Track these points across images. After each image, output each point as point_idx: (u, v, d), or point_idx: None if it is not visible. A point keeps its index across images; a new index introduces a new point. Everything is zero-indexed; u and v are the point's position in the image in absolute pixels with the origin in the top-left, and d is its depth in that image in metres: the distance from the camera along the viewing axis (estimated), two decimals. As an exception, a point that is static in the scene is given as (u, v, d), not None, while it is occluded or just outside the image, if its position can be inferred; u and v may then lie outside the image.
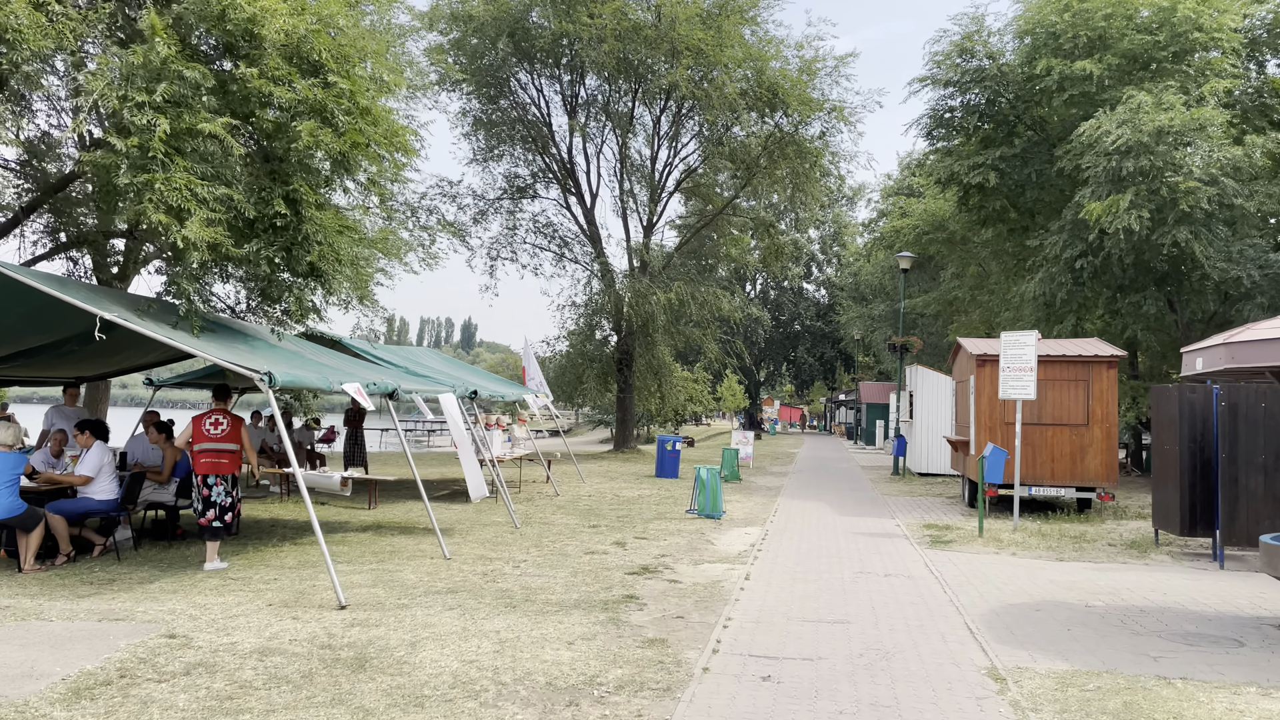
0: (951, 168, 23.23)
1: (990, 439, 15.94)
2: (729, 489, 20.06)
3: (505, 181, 30.22)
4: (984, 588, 9.60)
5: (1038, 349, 14.58)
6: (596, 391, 29.22)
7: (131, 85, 8.94)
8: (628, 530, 13.13)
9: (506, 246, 29.66)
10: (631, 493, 18.51)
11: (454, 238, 25.45)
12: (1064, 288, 21.58)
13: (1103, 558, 11.86)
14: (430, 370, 16.67)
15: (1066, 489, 15.72)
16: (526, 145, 30.26)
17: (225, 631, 6.93)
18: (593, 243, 29.61)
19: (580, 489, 18.95)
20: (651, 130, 30.18)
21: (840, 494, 19.63)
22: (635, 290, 27.70)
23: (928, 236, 32.52)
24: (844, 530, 13.78)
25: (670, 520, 14.42)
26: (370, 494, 14.66)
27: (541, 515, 14.54)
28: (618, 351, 29.25)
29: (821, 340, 68.70)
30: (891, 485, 22.24)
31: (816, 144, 28.97)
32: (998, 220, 24.77)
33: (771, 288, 69.20)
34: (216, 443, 9.60)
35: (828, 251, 69.33)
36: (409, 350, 18.67)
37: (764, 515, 15.52)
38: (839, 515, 15.74)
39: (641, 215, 30.17)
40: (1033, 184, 23.49)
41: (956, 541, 12.76)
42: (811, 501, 17.93)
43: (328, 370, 10.40)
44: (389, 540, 11.58)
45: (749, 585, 9.36)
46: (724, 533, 13.29)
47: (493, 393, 16.36)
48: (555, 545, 11.57)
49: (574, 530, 12.96)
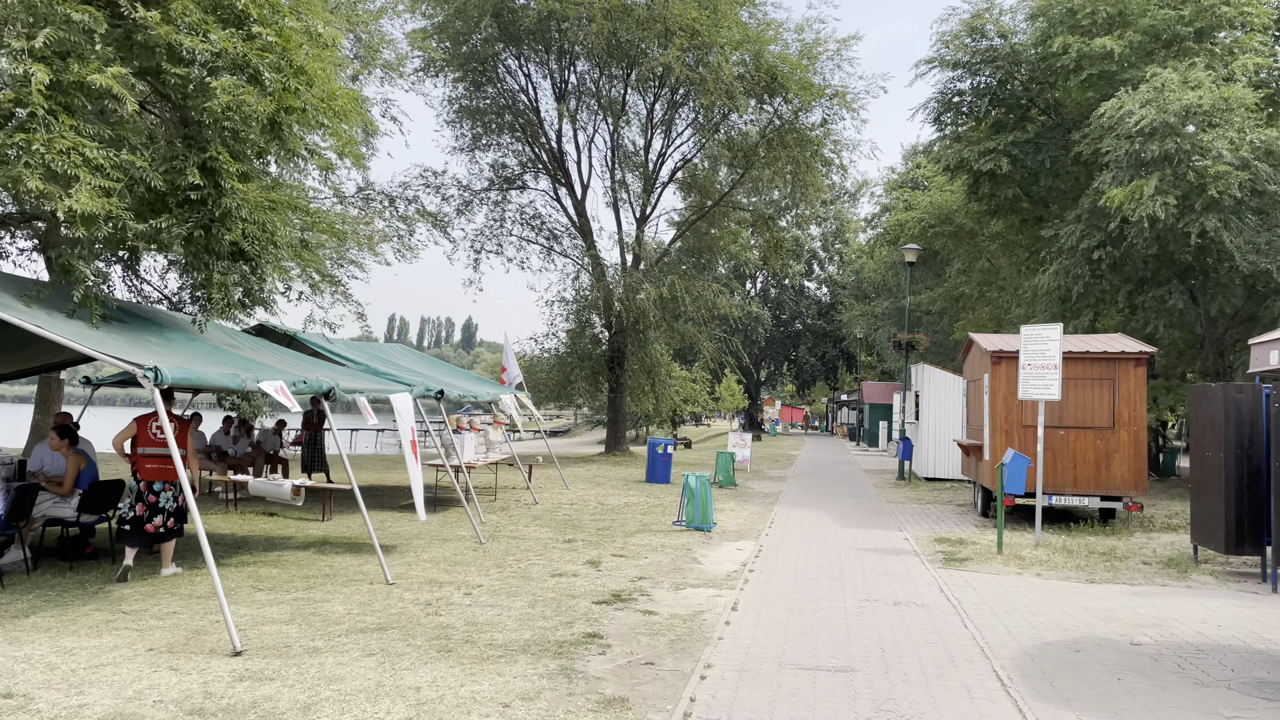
0: (961, 154, 21.85)
1: (1007, 443, 14.57)
2: (723, 496, 18.69)
3: (493, 171, 28.87)
4: (1011, 620, 8.23)
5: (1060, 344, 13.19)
6: (587, 391, 27.82)
7: (7, 29, 7.58)
8: (605, 546, 11.76)
9: (492, 239, 28.28)
10: (617, 500, 17.15)
11: (435, 229, 24.08)
12: (1081, 280, 20.21)
13: (1139, 579, 10.49)
14: (395, 368, 15.31)
15: (1090, 498, 14.34)
16: (515, 134, 28.90)
17: (79, 689, 5.57)
18: (583, 235, 28.23)
19: (562, 496, 17.59)
20: (645, 118, 28.82)
21: (842, 501, 18.26)
22: (627, 284, 26.34)
23: (933, 230, 31.14)
24: (847, 545, 12.41)
25: (655, 533, 13.06)
26: (324, 504, 13.30)
27: (513, 528, 13.17)
28: (609, 349, 27.87)
29: (823, 339, 67.31)
30: (897, 491, 20.87)
31: (817, 133, 27.60)
32: (1009, 210, 23.38)
33: (772, 286, 67.81)
34: (162, 447, 8.99)
35: (830, 249, 67.93)
36: (378, 347, 17.32)
37: (759, 527, 14.16)
38: (841, 527, 14.37)
39: (634, 206, 28.81)
40: (1047, 171, 22.12)
41: (973, 560, 11.38)
42: (811, 510, 16.57)
43: (255, 367, 9.05)
44: (330, 560, 10.22)
45: (735, 618, 7.99)
46: (713, 548, 11.93)
47: (465, 392, 15.01)
48: (520, 565, 10.21)
49: (545, 546, 11.60)
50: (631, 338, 26.83)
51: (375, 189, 23.63)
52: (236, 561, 9.95)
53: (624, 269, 27.22)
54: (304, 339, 14.02)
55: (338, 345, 14.44)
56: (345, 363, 13.94)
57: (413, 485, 10.44)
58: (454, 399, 14.04)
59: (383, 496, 16.73)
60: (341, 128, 10.56)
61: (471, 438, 15.49)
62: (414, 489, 10.44)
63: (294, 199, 10.87)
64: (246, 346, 11.23)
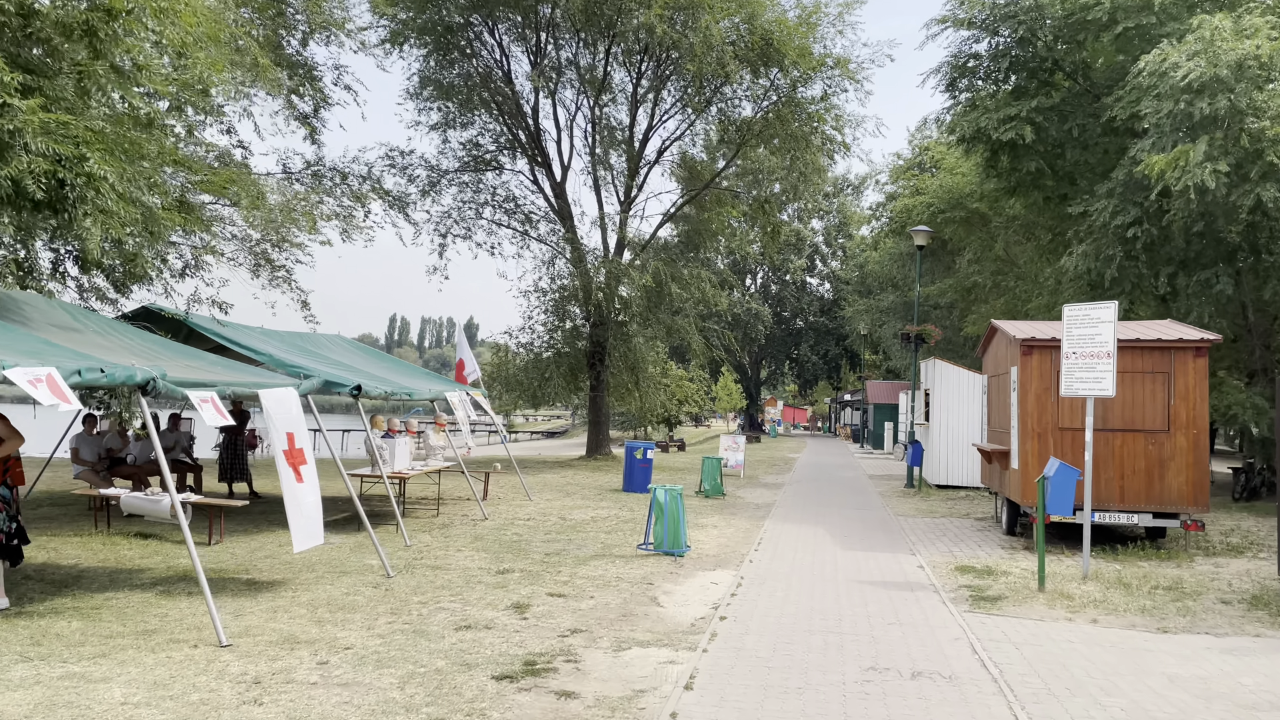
0: (977, 122, 19.42)
1: (1039, 448, 12.19)
2: (707, 508, 16.33)
3: (465, 151, 26.46)
4: (1077, 704, 5.86)
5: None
6: (564, 390, 25.42)
7: None
8: (546, 579, 9.41)
9: (460, 223, 25.85)
10: (583, 514, 14.79)
11: (392, 209, 21.74)
12: (1113, 263, 17.82)
13: (1222, 625, 8.12)
14: (321, 360, 12.99)
15: (1140, 514, 11.96)
16: (490, 111, 26.51)
17: None
18: (562, 219, 25.83)
19: (520, 509, 15.24)
20: (631, 93, 26.43)
21: (844, 515, 15.88)
22: (609, 272, 23.97)
23: (943, 216, 28.74)
24: (848, 576, 10.04)
25: (615, 559, 10.70)
26: (210, 524, 10.94)
27: (440, 553, 10.82)
28: (589, 344, 25.49)
29: (826, 337, 64.86)
30: (906, 501, 18.49)
31: (818, 107, 25.21)
32: (1031, 187, 20.96)
33: (773, 282, 65.43)
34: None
35: (832, 243, 65.53)
36: (310, 338, 14.99)
37: (743, 549, 11.79)
38: (842, 549, 12.00)
39: (618, 188, 26.43)
40: (1074, 142, 19.70)
41: (1008, 598, 9.01)
42: (808, 526, 14.19)
43: (53, 353, 6.71)
44: (168, 607, 7.86)
45: (688, 706, 5.64)
46: (681, 581, 9.57)
47: (397, 389, 12.67)
48: (421, 612, 7.86)
49: (469, 580, 9.25)
50: (613, 331, 24.44)
51: (325, 165, 21.27)
52: (46, 607, 7.60)
53: (606, 255, 24.83)
54: (196, 324, 11.67)
55: (234, 330, 12.08)
56: (247, 353, 11.63)
57: (287, 506, 8.10)
58: (378, 396, 11.70)
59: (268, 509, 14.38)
60: (202, 49, 8.22)
61: (406, 442, 13.15)
62: (289, 511, 8.10)
63: (143, 139, 8.51)
64: (91, 330, 8.91)
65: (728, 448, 23.85)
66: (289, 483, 8.36)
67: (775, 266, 63.22)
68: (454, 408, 14.25)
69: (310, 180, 21.08)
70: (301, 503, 8.47)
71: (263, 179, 19.57)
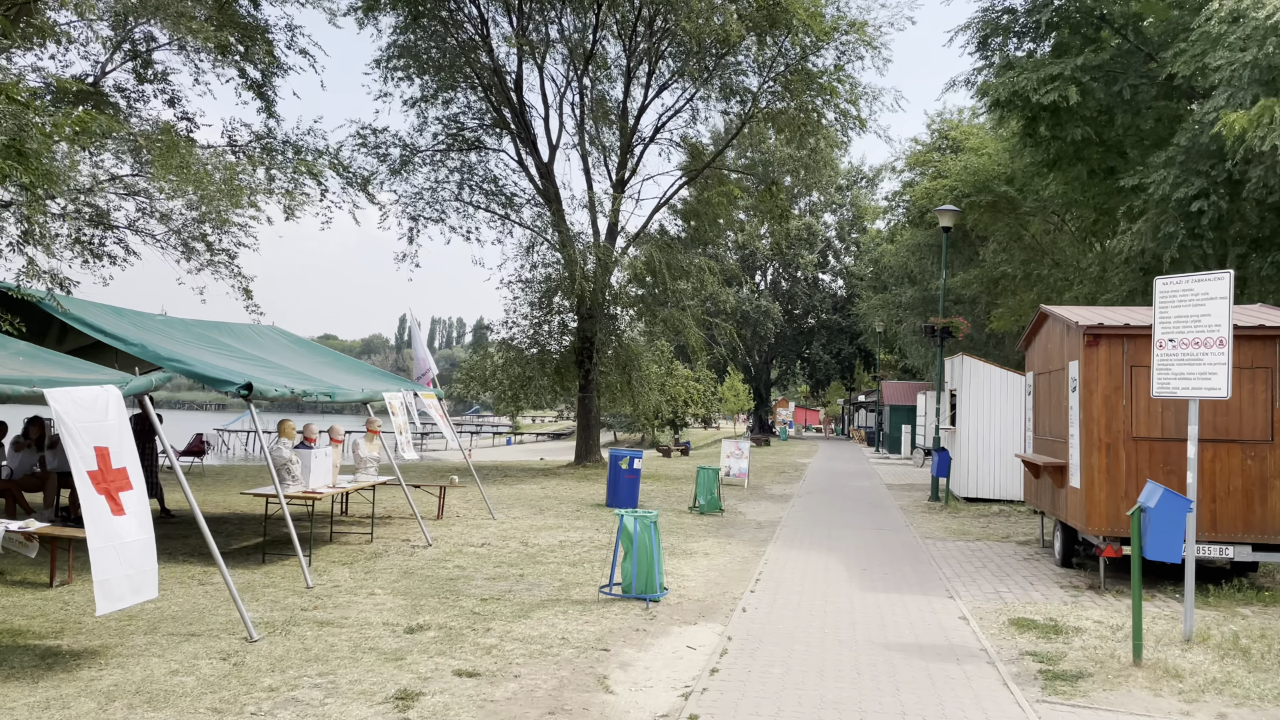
0: (1014, 83, 16.95)
1: (1107, 462, 9.74)
2: (700, 528, 13.92)
3: (442, 128, 24.08)
4: None
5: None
6: (548, 391, 22.99)
7: None
8: (468, 641, 7.03)
9: (432, 204, 23.44)
10: (550, 537, 12.40)
11: (351, 187, 19.38)
12: (1174, 242, 15.35)
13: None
14: (215, 353, 10.65)
15: (1236, 547, 9.49)
16: (472, 86, 24.15)
17: None
18: (548, 202, 23.40)
19: (478, 530, 12.86)
20: (623, 62, 24.01)
21: (862, 537, 13.44)
22: (598, 257, 21.58)
23: (968, 200, 26.23)
24: (871, 635, 7.61)
25: (569, 607, 8.32)
26: (53, 559, 8.56)
27: (345, 599, 8.45)
28: (577, 339, 23.07)
29: (839, 335, 62.22)
30: (932, 519, 16.03)
31: (831, 79, 22.76)
32: (1074, 158, 18.48)
33: (783, 278, 62.90)
34: None
35: (845, 237, 62.94)
36: (218, 327, 12.63)
37: (736, 588, 9.38)
38: (861, 589, 9.57)
39: (610, 168, 24.01)
40: (1124, 105, 17.22)
41: (1093, 675, 6.56)
42: (818, 554, 11.76)
43: None
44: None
45: None
46: (649, 643, 7.17)
47: (316, 388, 10.32)
48: (262, 706, 5.48)
49: (359, 646, 6.87)
50: (603, 324, 21.99)
51: (277, 138, 18.95)
52: None
53: (596, 241, 22.41)
54: (47, 305, 9.32)
55: (101, 315, 9.71)
56: (111, 340, 9.29)
57: (92, 550, 5.78)
58: (276, 396, 9.33)
59: (222, 533, 12.05)
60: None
61: (327, 453, 10.78)
62: (94, 556, 5.78)
63: None
64: None
65: (730, 454, 21.46)
66: (99, 516, 6.02)
67: (786, 262, 60.71)
68: (393, 412, 11.88)
69: (261, 154, 18.77)
70: (118, 543, 6.12)
71: (202, 152, 17.32)
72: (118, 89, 19.77)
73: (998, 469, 18.50)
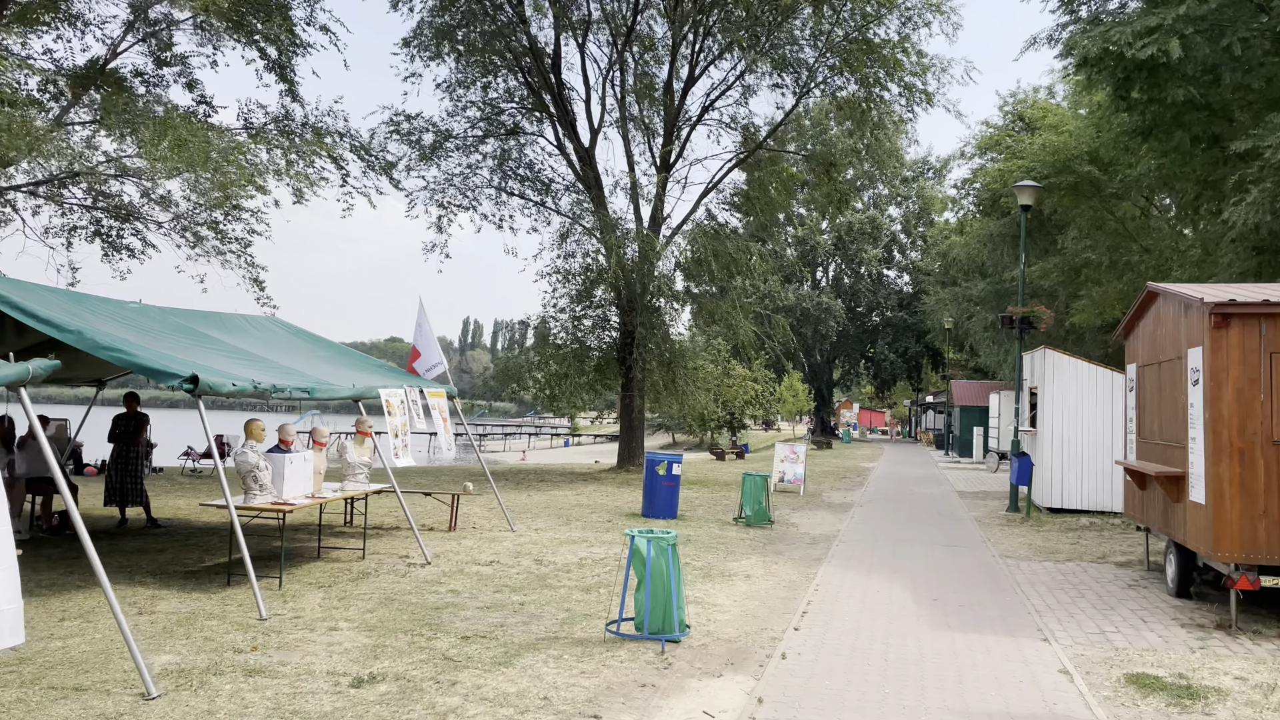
0: (1106, 37, 14.91)
1: (1240, 472, 7.84)
2: (747, 543, 12.24)
3: (479, 112, 22.73)
4: None
5: None
6: (587, 389, 21.41)
7: None
8: (426, 698, 5.51)
9: (465, 191, 22.06)
10: (569, 554, 10.85)
11: (373, 171, 18.10)
12: (1298, 216, 13.21)
13: None
14: (182, 342, 9.34)
15: None
16: (510, 67, 22.77)
17: None
18: (588, 188, 21.88)
19: (490, 545, 11.37)
20: (670, 39, 22.37)
21: (932, 555, 11.64)
22: (641, 247, 19.99)
23: (1047, 182, 24.00)
24: (945, 700, 5.89)
25: (566, 648, 6.75)
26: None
27: (297, 635, 6.99)
28: (620, 335, 21.50)
29: (905, 333, 59.64)
30: (1012, 533, 14.11)
31: (893, 51, 20.87)
32: (1173, 125, 16.31)
33: (846, 274, 60.59)
34: None
35: (911, 231, 60.41)
36: (206, 316, 11.32)
37: (777, 625, 7.72)
38: (932, 627, 7.82)
39: (654, 151, 22.40)
40: (1233, 63, 15.03)
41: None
42: (880, 578, 10.01)
43: None
44: None
45: None
46: (655, 708, 5.57)
47: (291, 383, 8.94)
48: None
49: (289, 702, 5.39)
50: (644, 318, 20.34)
51: (295, 119, 17.78)
52: None
53: (639, 229, 20.81)
54: None
55: (39, 298, 8.42)
56: (44, 328, 7.98)
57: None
58: (228, 393, 7.93)
59: (184, 545, 10.76)
60: None
61: (306, 458, 9.37)
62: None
63: None
64: None
65: (784, 458, 19.72)
66: None
67: (849, 257, 58.44)
68: (389, 411, 10.45)
69: (278, 137, 17.63)
70: None
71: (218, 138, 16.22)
72: (136, 74, 18.83)
73: (1086, 476, 16.46)
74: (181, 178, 14.39)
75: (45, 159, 14.57)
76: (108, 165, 15.73)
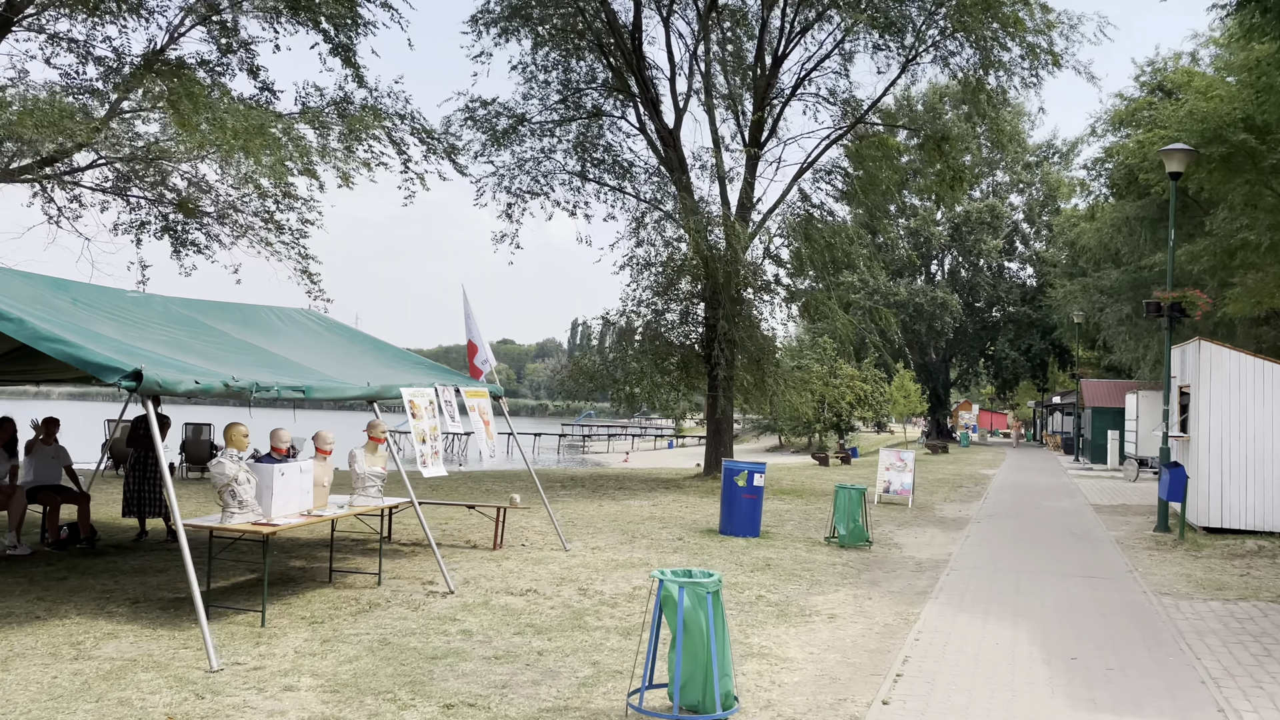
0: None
1: None
2: (837, 569, 10.36)
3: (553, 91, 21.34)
4: None
5: None
6: (669, 388, 19.69)
7: None
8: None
9: (537, 178, 20.67)
10: (620, 582, 9.21)
11: (434, 156, 16.83)
12: None
13: None
14: (175, 336, 8.11)
15: None
16: (588, 41, 21.31)
17: None
18: (671, 171, 20.21)
19: (531, 569, 9.83)
20: (760, 5, 20.49)
21: (1066, 594, 9.51)
22: (729, 236, 18.21)
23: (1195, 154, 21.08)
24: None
25: (568, 731, 5.11)
26: None
27: (248, 686, 5.54)
28: (705, 331, 19.73)
29: (1028, 329, 55.72)
30: (1165, 560, 11.77)
31: (1014, 8, 18.50)
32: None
33: (963, 267, 57.13)
34: None
35: (1035, 220, 56.55)
36: (223, 307, 10.14)
37: (860, 696, 5.89)
38: (1070, 703, 5.85)
39: (743, 130, 20.57)
40: None
41: None
42: (999, 624, 8.01)
43: None
44: None
45: None
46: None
47: (280, 380, 7.60)
48: None
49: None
50: (730, 310, 18.45)
51: (355, 101, 16.69)
52: None
53: (726, 215, 19.00)
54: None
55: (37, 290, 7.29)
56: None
57: None
58: (185, 393, 6.59)
59: (167, 563, 9.56)
60: None
61: (302, 471, 7.98)
62: None
63: None
64: None
65: (889, 466, 17.63)
66: None
67: (966, 249, 55.04)
68: (414, 414, 9.02)
69: (337, 119, 16.60)
70: None
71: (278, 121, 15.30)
72: (201, 62, 18.14)
73: (1252, 490, 13.90)
74: (238, 168, 13.52)
75: (105, 148, 13.89)
76: (167, 153, 15.04)
